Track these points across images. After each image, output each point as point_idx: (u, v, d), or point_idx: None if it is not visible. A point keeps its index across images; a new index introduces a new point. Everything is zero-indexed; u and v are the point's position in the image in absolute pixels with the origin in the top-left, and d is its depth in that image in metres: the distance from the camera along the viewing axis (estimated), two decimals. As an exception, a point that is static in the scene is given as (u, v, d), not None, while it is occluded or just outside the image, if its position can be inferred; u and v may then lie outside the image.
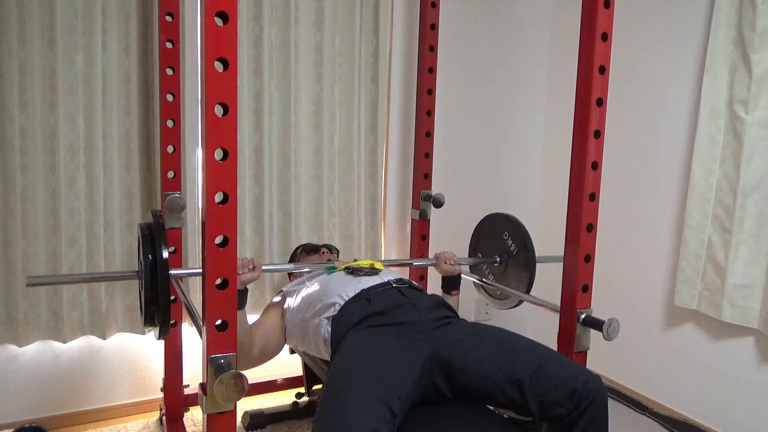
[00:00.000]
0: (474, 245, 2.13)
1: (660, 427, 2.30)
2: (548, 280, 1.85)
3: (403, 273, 2.44)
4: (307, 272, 1.93)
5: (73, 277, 1.81)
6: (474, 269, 2.13)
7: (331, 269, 1.81)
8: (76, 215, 2.00)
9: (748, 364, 2.10)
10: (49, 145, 1.94)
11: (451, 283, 1.95)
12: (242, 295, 1.56)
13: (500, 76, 2.82)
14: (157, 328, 1.45)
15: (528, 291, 1.87)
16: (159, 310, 1.40)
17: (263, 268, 1.60)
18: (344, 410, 1.25)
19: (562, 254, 1.62)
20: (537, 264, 1.85)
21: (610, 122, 1.59)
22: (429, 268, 2.43)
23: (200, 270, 1.15)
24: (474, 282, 2.08)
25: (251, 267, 1.55)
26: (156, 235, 1.41)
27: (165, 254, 1.39)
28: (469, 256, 2.13)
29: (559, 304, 1.63)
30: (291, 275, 2.15)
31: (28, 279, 1.36)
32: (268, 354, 1.77)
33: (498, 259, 2.00)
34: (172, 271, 1.45)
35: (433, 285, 2.26)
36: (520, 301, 1.91)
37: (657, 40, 2.39)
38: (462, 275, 1.97)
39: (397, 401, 1.30)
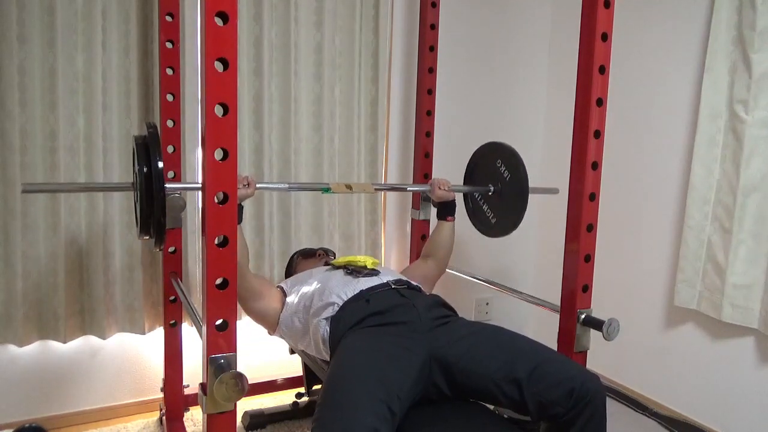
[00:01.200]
0: (469, 175, 2.17)
1: (660, 427, 2.30)
2: (548, 280, 1.85)
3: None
4: (305, 272, 1.93)
5: (69, 186, 1.80)
6: (468, 199, 2.17)
7: (326, 189, 1.81)
8: (76, 215, 2.00)
9: (748, 364, 2.10)
10: (49, 145, 1.94)
11: (445, 209, 2.07)
12: (239, 210, 1.57)
13: (500, 75, 2.82)
14: (154, 241, 1.45)
15: (521, 217, 1.91)
16: (154, 220, 1.40)
17: (257, 185, 1.66)
18: (344, 410, 1.25)
19: (555, 188, 1.61)
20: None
21: (610, 122, 1.59)
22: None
23: (198, 185, 1.15)
24: (467, 210, 2.16)
25: (246, 183, 1.62)
26: (151, 145, 1.40)
27: (160, 164, 1.38)
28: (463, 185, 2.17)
29: (559, 304, 1.63)
30: (289, 274, 2.15)
31: (23, 185, 1.36)
32: (256, 306, 1.77)
33: (492, 188, 2.03)
34: (168, 185, 1.46)
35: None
36: (512, 229, 1.96)
37: (657, 40, 2.39)
38: (463, 276, 1.99)
39: (397, 401, 1.30)
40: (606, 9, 1.49)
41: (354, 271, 1.82)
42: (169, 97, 1.98)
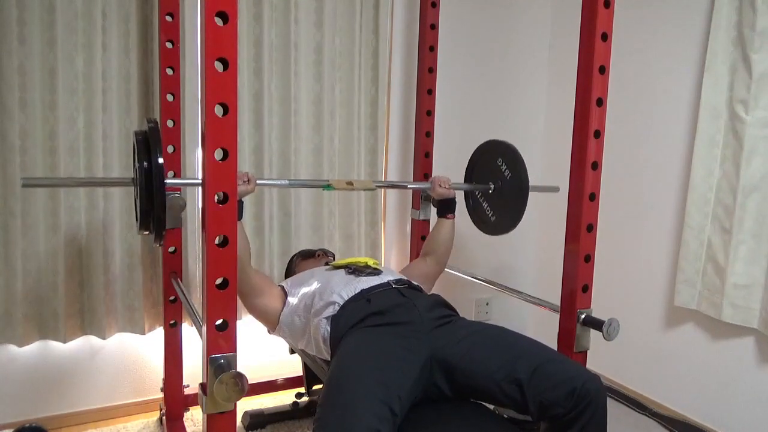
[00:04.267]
0: (469, 173, 2.17)
1: (660, 427, 2.30)
2: (548, 280, 1.85)
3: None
4: (306, 272, 1.93)
5: (69, 180, 1.81)
6: (469, 197, 2.17)
7: (327, 186, 1.80)
8: (76, 215, 2.00)
9: (748, 364, 2.10)
10: (49, 145, 1.94)
11: (445, 206, 2.06)
12: (239, 206, 1.57)
13: (500, 75, 2.82)
14: (153, 235, 1.45)
15: (520, 215, 1.91)
16: (154, 216, 1.40)
17: (258, 182, 1.66)
18: (345, 410, 1.25)
19: (556, 186, 1.61)
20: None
21: (610, 122, 1.59)
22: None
23: (198, 180, 1.15)
24: (467, 207, 2.15)
25: (246, 180, 1.61)
26: (151, 140, 1.40)
27: (160, 159, 1.38)
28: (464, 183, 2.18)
29: (559, 304, 1.63)
30: (289, 275, 2.15)
31: (23, 180, 1.35)
32: (258, 303, 1.76)
33: (492, 186, 2.03)
34: (168, 180, 1.46)
35: (433, 286, 2.26)
36: (512, 227, 1.95)
37: (657, 40, 2.39)
38: (464, 276, 1.99)
39: (398, 401, 1.30)
40: (606, 9, 1.49)
41: (355, 270, 1.82)
42: (169, 97, 1.98)
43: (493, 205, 2.04)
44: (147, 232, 1.46)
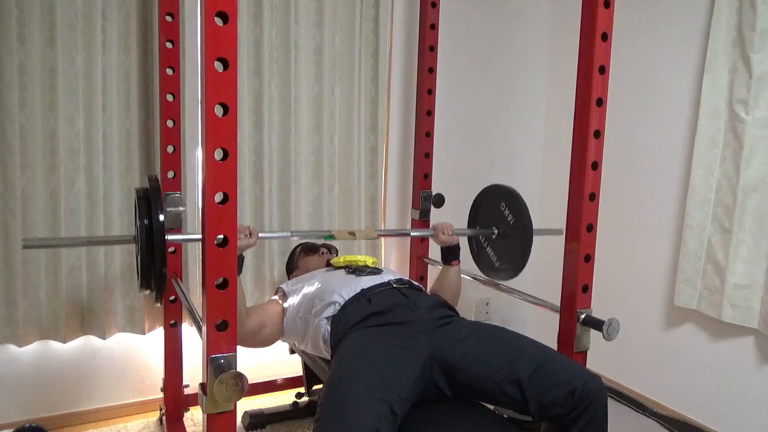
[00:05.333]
0: (473, 217, 2.14)
1: (660, 427, 2.30)
2: (548, 280, 1.85)
3: (403, 273, 2.45)
4: (306, 274, 1.93)
5: (70, 240, 1.80)
6: (472, 241, 2.14)
7: (328, 237, 1.80)
8: (76, 215, 2.00)
9: (748, 364, 2.10)
10: (49, 145, 1.94)
11: (450, 253, 1.99)
12: (239, 261, 1.56)
13: (500, 75, 2.82)
14: (154, 294, 1.45)
15: (525, 262, 1.87)
16: (155, 273, 1.40)
17: (260, 235, 1.62)
18: (345, 410, 1.25)
19: (560, 227, 1.62)
20: (534, 240, 1.85)
21: (610, 122, 1.59)
22: (429, 269, 2.43)
23: (199, 236, 1.15)
24: (471, 252, 2.11)
25: (248, 233, 1.58)
26: (152, 198, 1.40)
27: (161, 217, 1.39)
28: (467, 228, 2.14)
29: (559, 304, 1.63)
30: (290, 274, 2.15)
31: (24, 241, 1.35)
32: (261, 337, 1.76)
33: (495, 231, 2.00)
34: (169, 236, 1.45)
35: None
36: (517, 273, 1.92)
37: (657, 40, 2.39)
38: (465, 276, 1.97)
39: (398, 401, 1.30)
40: (606, 9, 1.49)
41: (356, 270, 1.82)
42: (169, 97, 1.98)
43: (497, 251, 1.99)
44: (148, 291, 1.46)
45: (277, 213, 2.33)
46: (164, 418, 2.12)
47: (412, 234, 2.39)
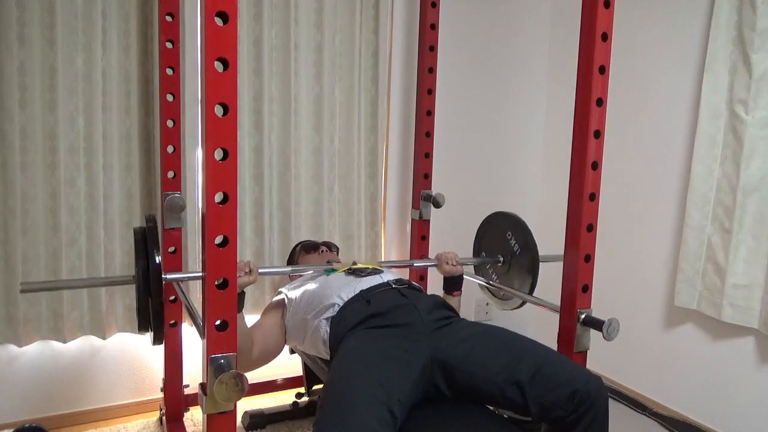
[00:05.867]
0: (477, 245, 2.12)
1: (660, 427, 2.30)
2: (548, 280, 1.85)
3: (403, 273, 2.45)
4: (307, 273, 1.93)
5: (68, 282, 1.77)
6: (478, 269, 2.13)
7: (330, 271, 1.80)
8: (76, 215, 2.00)
9: (748, 364, 2.10)
10: (49, 145, 1.94)
11: (452, 283, 1.92)
12: (240, 298, 1.54)
13: (500, 75, 2.82)
14: (152, 334, 1.44)
15: (531, 291, 1.86)
16: (152, 316, 1.39)
17: (260, 271, 1.57)
18: (345, 412, 1.25)
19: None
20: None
21: (610, 122, 1.59)
22: (429, 269, 2.42)
23: (199, 273, 1.15)
24: (479, 283, 2.06)
25: (248, 270, 1.52)
26: (149, 240, 1.39)
27: (158, 259, 1.37)
28: (473, 256, 2.12)
29: (559, 304, 1.63)
30: (290, 263, 2.15)
31: (22, 285, 1.33)
32: (268, 355, 1.76)
33: (501, 259, 1.97)
34: (168, 276, 1.44)
35: (433, 285, 2.26)
36: (524, 302, 1.90)
37: (657, 39, 2.39)
38: (465, 277, 1.96)
39: (398, 403, 1.30)
40: (606, 9, 1.49)
41: (355, 271, 1.82)
42: (169, 97, 1.98)
43: (502, 279, 1.98)
44: (146, 333, 1.46)
45: (277, 213, 2.32)
46: (164, 418, 2.12)
47: (416, 265, 2.27)
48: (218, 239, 1.11)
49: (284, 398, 2.36)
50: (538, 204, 2.95)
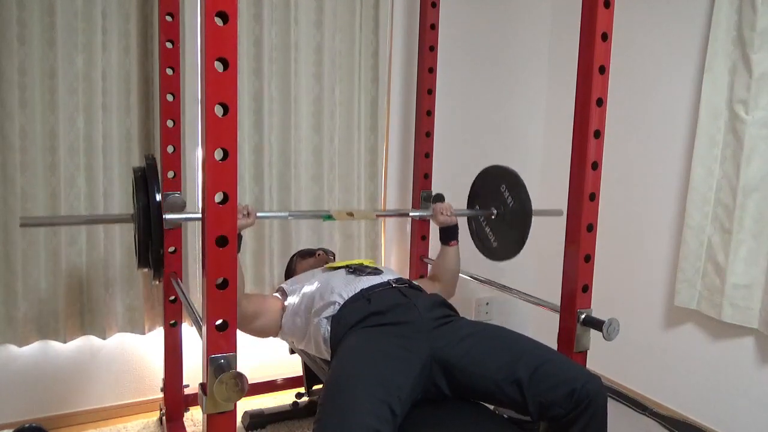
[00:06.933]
0: (472, 198, 2.15)
1: (660, 427, 2.30)
2: (548, 280, 1.85)
3: (403, 273, 2.45)
4: (306, 273, 1.93)
5: (66, 219, 1.80)
6: (472, 222, 2.16)
7: (327, 217, 1.81)
8: (76, 215, 2.00)
9: (748, 364, 2.10)
10: (49, 145, 1.94)
11: (448, 233, 2.03)
12: (237, 240, 1.56)
13: (500, 75, 2.82)
14: (152, 273, 1.45)
15: (523, 242, 1.89)
16: (153, 252, 1.39)
17: (258, 215, 1.65)
18: (345, 411, 1.25)
19: (560, 209, 1.62)
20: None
21: (610, 122, 1.59)
22: (429, 269, 2.43)
23: (198, 215, 1.15)
24: (470, 232, 2.13)
25: (246, 213, 1.60)
26: (149, 177, 1.40)
27: (158, 197, 1.39)
28: (467, 208, 2.16)
29: (559, 304, 1.63)
30: (289, 275, 2.15)
31: (21, 219, 1.35)
32: (255, 326, 1.78)
33: (495, 211, 2.02)
34: (167, 216, 1.45)
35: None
36: (515, 253, 1.95)
37: (657, 39, 2.39)
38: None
39: (398, 401, 1.30)
40: (606, 9, 1.49)
41: (356, 270, 1.82)
42: (169, 97, 1.98)
43: (495, 231, 2.02)
44: (146, 269, 1.46)
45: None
46: (164, 418, 2.12)
47: (411, 214, 2.42)
48: (218, 239, 1.11)
49: (284, 398, 2.36)
50: (539, 203, 2.95)
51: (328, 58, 2.35)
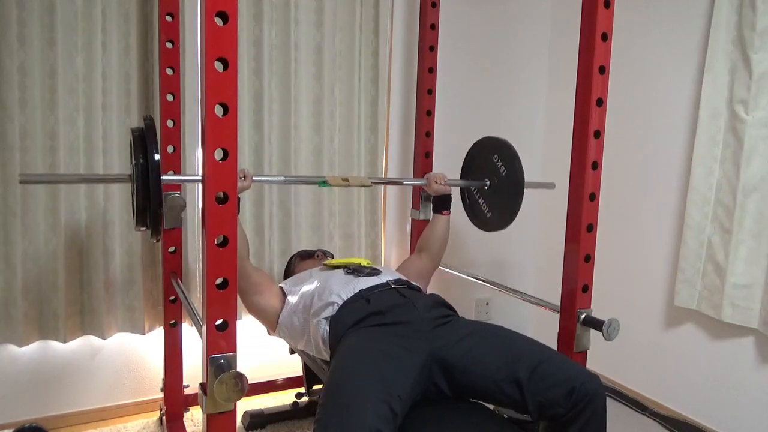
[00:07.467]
0: (466, 169, 2.18)
1: (660, 427, 2.30)
2: (548, 280, 1.85)
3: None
4: (305, 272, 1.93)
5: (66, 177, 1.82)
6: (465, 193, 2.19)
7: (323, 183, 1.81)
8: (76, 214, 2.00)
9: (748, 364, 2.10)
10: (49, 145, 1.94)
11: (441, 202, 2.09)
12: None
13: (500, 75, 2.82)
14: (149, 232, 1.45)
15: (515, 213, 1.92)
16: (150, 211, 1.40)
17: (254, 178, 1.67)
18: (345, 410, 1.25)
19: (551, 182, 1.71)
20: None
21: (610, 122, 1.59)
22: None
23: (198, 177, 1.15)
24: (463, 204, 2.17)
25: (242, 176, 1.63)
26: (147, 137, 1.40)
27: (156, 156, 1.38)
28: (460, 179, 2.18)
29: (559, 304, 1.63)
30: (288, 275, 2.15)
31: (20, 176, 1.36)
32: (253, 301, 1.79)
33: (488, 182, 2.05)
34: (165, 177, 1.46)
35: (433, 286, 2.26)
36: (507, 224, 1.97)
37: (657, 39, 2.39)
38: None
39: (398, 401, 1.30)
40: (606, 9, 1.49)
41: (355, 270, 1.82)
42: (169, 97, 1.98)
43: (489, 202, 2.05)
44: (144, 228, 1.46)
45: (277, 213, 2.32)
46: (164, 418, 2.12)
47: (405, 183, 2.47)
48: (218, 239, 1.11)
49: (284, 398, 2.36)
50: (539, 203, 2.95)
51: (328, 58, 2.35)
